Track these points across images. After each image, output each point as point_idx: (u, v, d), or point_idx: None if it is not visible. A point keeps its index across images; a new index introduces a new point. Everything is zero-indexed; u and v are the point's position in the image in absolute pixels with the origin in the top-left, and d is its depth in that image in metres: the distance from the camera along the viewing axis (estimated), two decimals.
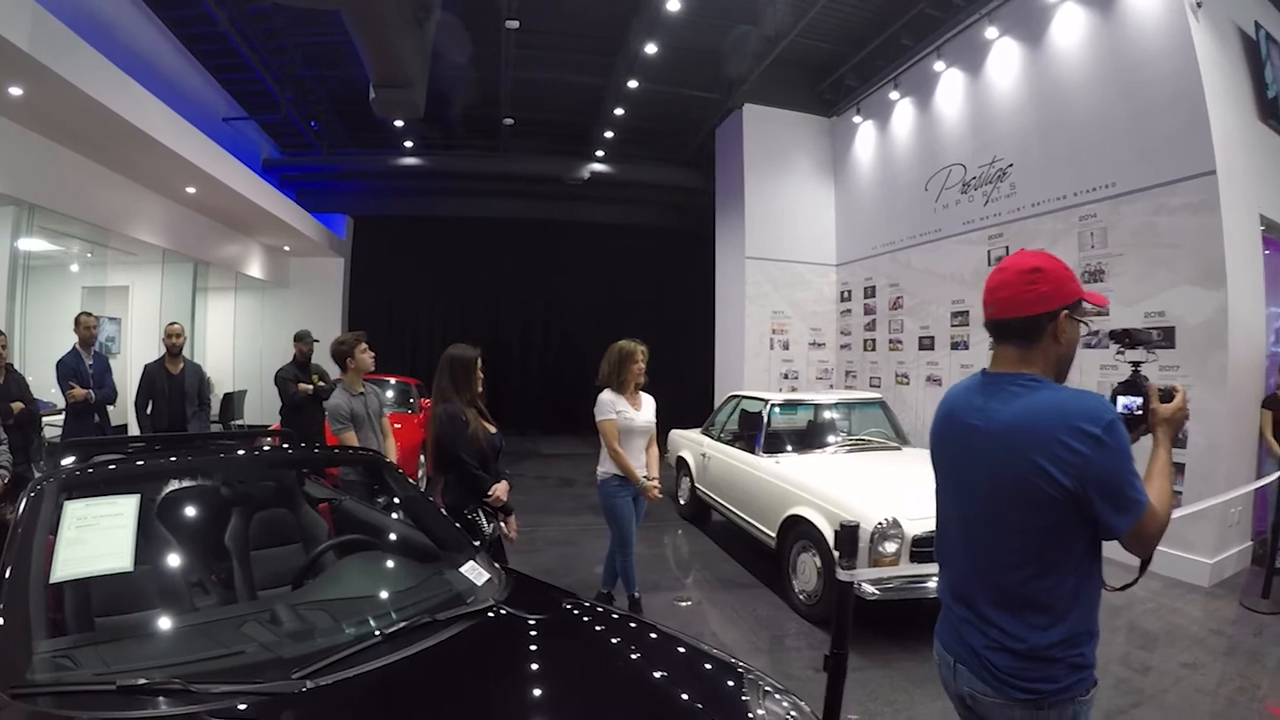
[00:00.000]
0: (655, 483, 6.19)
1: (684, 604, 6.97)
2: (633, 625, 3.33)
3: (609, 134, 16.14)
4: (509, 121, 16.14)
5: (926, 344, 12.12)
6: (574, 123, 16.75)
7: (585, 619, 3.18)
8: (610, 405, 6.04)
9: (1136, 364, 2.52)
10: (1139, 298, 8.46)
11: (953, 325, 11.42)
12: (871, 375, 13.57)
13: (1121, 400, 2.39)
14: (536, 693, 2.62)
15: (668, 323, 19.27)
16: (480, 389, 5.12)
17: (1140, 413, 2.35)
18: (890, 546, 5.75)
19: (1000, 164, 10.48)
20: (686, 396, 15.06)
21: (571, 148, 17.53)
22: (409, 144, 17.59)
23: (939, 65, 11.57)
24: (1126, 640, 6.45)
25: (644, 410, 6.23)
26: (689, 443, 10.12)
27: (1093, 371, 8.70)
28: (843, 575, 3.65)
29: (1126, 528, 2.01)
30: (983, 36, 10.58)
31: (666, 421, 10.61)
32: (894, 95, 12.77)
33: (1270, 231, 9.01)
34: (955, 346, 11.37)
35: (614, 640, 2.98)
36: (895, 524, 5.76)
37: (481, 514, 4.70)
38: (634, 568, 6.30)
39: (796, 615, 6.56)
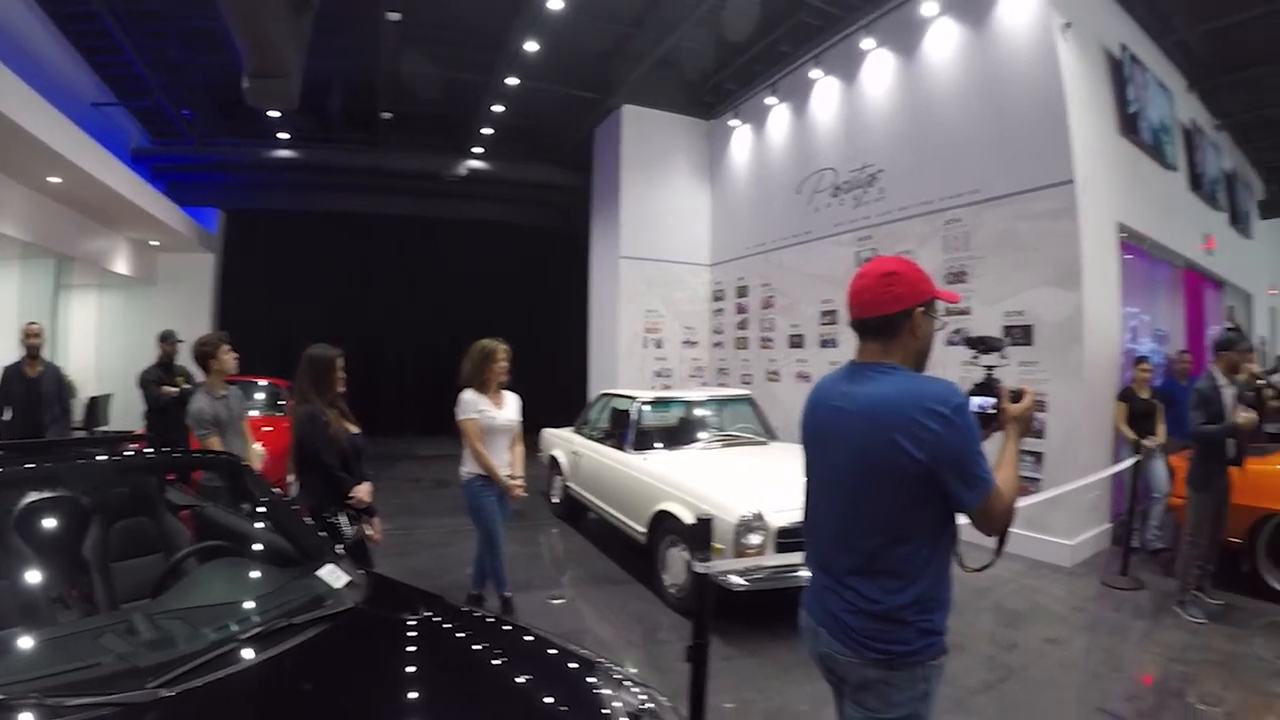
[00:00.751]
0: (520, 481, 6.16)
1: (557, 602, 6.95)
2: (490, 624, 3.37)
3: (488, 131, 15.96)
4: (387, 115, 15.79)
5: (797, 342, 12.48)
6: (453, 118, 16.51)
7: (445, 620, 3.19)
8: (471, 404, 6.01)
9: (990, 368, 2.75)
10: (1000, 298, 8.94)
11: (822, 324, 11.80)
12: (743, 373, 13.83)
13: (976, 400, 2.60)
14: (390, 695, 2.59)
15: (544, 322, 19.26)
16: (341, 389, 5.03)
17: (993, 411, 2.60)
18: (755, 539, 5.87)
19: (871, 169, 10.86)
20: (562, 395, 14.95)
21: (450, 144, 17.28)
22: (285, 136, 16.97)
23: (816, 73, 11.90)
24: (993, 619, 6.77)
25: (507, 409, 6.19)
26: (561, 441, 10.12)
27: (955, 367, 8.94)
28: (699, 567, 3.74)
29: (974, 503, 2.25)
30: (859, 47, 10.94)
31: (544, 420, 10.66)
32: (771, 100, 13.06)
33: (1130, 238, 9.68)
34: (824, 344, 11.73)
35: (470, 640, 3.02)
36: (759, 517, 5.90)
37: (344, 516, 4.66)
38: (504, 567, 6.23)
39: (668, 609, 6.62)
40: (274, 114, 15.01)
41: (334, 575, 3.25)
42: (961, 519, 2.34)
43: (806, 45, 12.14)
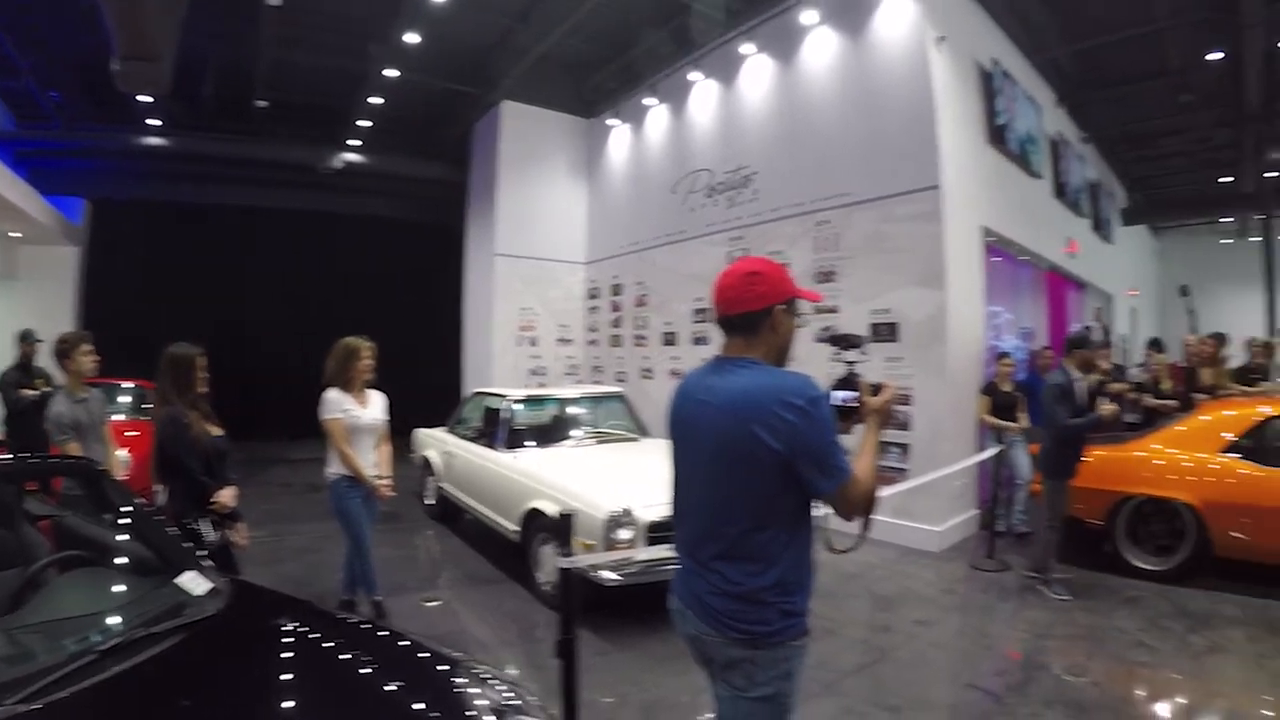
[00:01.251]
0: (387, 481, 6.05)
1: (432, 604, 6.81)
2: (356, 628, 3.32)
3: (366, 123, 15.54)
4: (263, 104, 15.28)
5: (670, 340, 12.61)
6: (331, 109, 15.98)
7: (310, 626, 3.10)
8: (336, 404, 5.86)
9: (851, 363, 2.83)
10: (867, 297, 9.17)
11: (694, 321, 11.94)
12: (617, 370, 13.87)
13: (839, 394, 2.68)
14: (250, 703, 2.51)
15: (422, 320, 18.54)
16: (203, 389, 4.83)
17: (855, 404, 2.67)
18: (625, 534, 5.89)
19: (745, 171, 11.02)
20: (439, 394, 14.54)
21: (327, 135, 16.68)
22: (156, 122, 15.96)
23: (695, 75, 11.98)
24: (865, 604, 6.94)
25: (372, 408, 6.07)
26: (434, 441, 9.95)
27: (823, 363, 9.14)
28: (563, 563, 3.80)
29: (831, 490, 2.36)
30: (739, 51, 11.04)
31: (422, 421, 10.46)
32: (650, 101, 13.08)
33: (996, 242, 10.07)
34: (697, 342, 11.85)
35: (335, 644, 2.94)
36: (627, 512, 5.92)
37: (207, 522, 4.47)
38: (374, 571, 6.10)
39: (543, 606, 6.56)
40: (145, 99, 14.26)
41: (195, 582, 3.16)
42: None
43: (688, 48, 12.21)
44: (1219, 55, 12.91)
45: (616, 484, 6.46)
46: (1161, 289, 24.55)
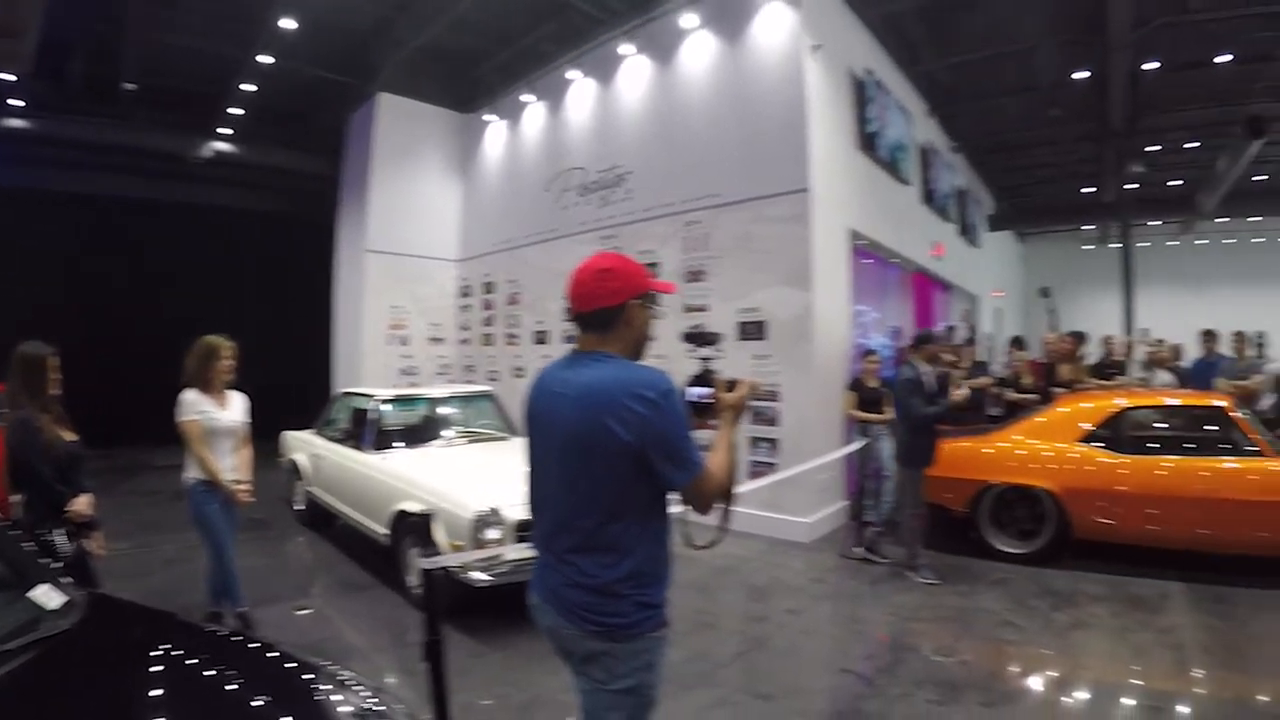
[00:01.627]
0: (246, 486, 5.75)
1: (302, 613, 6.56)
2: (220, 641, 3.24)
3: (239, 111, 14.96)
4: (131, 87, 14.37)
5: (542, 338, 12.57)
6: (203, 95, 15.10)
7: (171, 639, 2.93)
8: (193, 405, 5.56)
9: (707, 359, 2.91)
10: (736, 296, 9.32)
11: (566, 320, 11.57)
12: (489, 369, 13.71)
13: (694, 390, 2.75)
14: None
15: (292, 318, 17.70)
16: (55, 391, 4.54)
17: (710, 401, 2.72)
18: (493, 533, 5.83)
19: (619, 170, 11.03)
20: (308, 395, 13.93)
21: (197, 123, 15.78)
22: (17, 103, 14.45)
23: (573, 74, 11.93)
24: (737, 596, 7.08)
25: (232, 409, 5.78)
26: (301, 444, 9.62)
27: (688, 360, 9.31)
28: (425, 564, 3.77)
29: (683, 482, 2.40)
30: (618, 51, 11.04)
31: (290, 423, 10.08)
32: (528, 98, 12.99)
33: (868, 245, 10.40)
34: (569, 340, 11.32)
35: (197, 659, 2.81)
36: (495, 512, 5.86)
37: (62, 532, 4.18)
38: (236, 580, 5.77)
39: (416, 610, 6.33)
40: (6, 77, 13.53)
41: (48, 596, 2.94)
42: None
43: (568, 46, 12.15)
44: (1086, 74, 13.52)
45: (485, 484, 6.33)
46: (1025, 291, 25.93)
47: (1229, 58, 13.64)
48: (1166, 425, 8.48)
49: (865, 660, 5.58)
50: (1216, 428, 7.68)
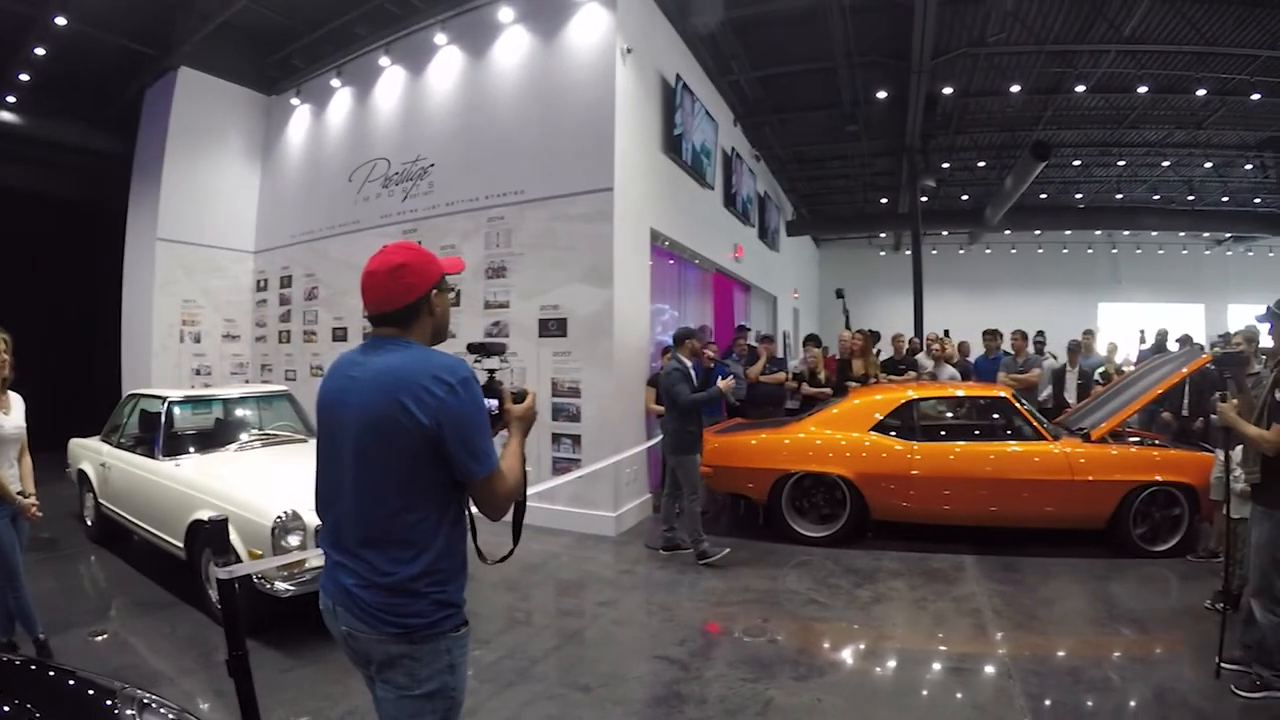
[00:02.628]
0: (34, 500, 5.13)
1: (100, 638, 5.99)
2: (14, 669, 3.00)
3: (24, 77, 13.24)
4: None
5: (340, 335, 12.10)
6: None
7: None
8: None
9: (492, 371, 2.80)
10: (537, 292, 9.38)
11: (366, 316, 11.17)
12: (287, 368, 13.09)
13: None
14: None
15: (77, 314, 16.09)
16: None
17: (497, 413, 2.63)
18: (294, 539, 5.55)
19: (423, 162, 10.85)
20: (99, 398, 12.76)
21: None
22: None
23: (385, 60, 11.60)
24: (548, 591, 7.16)
25: (13, 413, 5.15)
26: (89, 453, 8.83)
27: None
28: (221, 574, 3.47)
29: (480, 474, 2.33)
30: (432, 41, 10.84)
31: (77, 429, 9.32)
32: (335, 83, 12.51)
33: (668, 245, 10.74)
34: (368, 338, 11.16)
35: None
36: (296, 516, 5.57)
37: None
38: (30, 605, 5.20)
39: (221, 626, 6.15)
40: None
41: None
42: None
43: (381, 31, 11.79)
44: (886, 94, 14.22)
45: (283, 487, 5.97)
46: (823, 292, 27.15)
47: (1019, 88, 14.62)
48: (953, 415, 9.34)
49: (678, 646, 5.68)
50: (1000, 416, 8.54)
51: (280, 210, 13.67)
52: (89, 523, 8.86)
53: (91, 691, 2.74)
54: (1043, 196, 23.86)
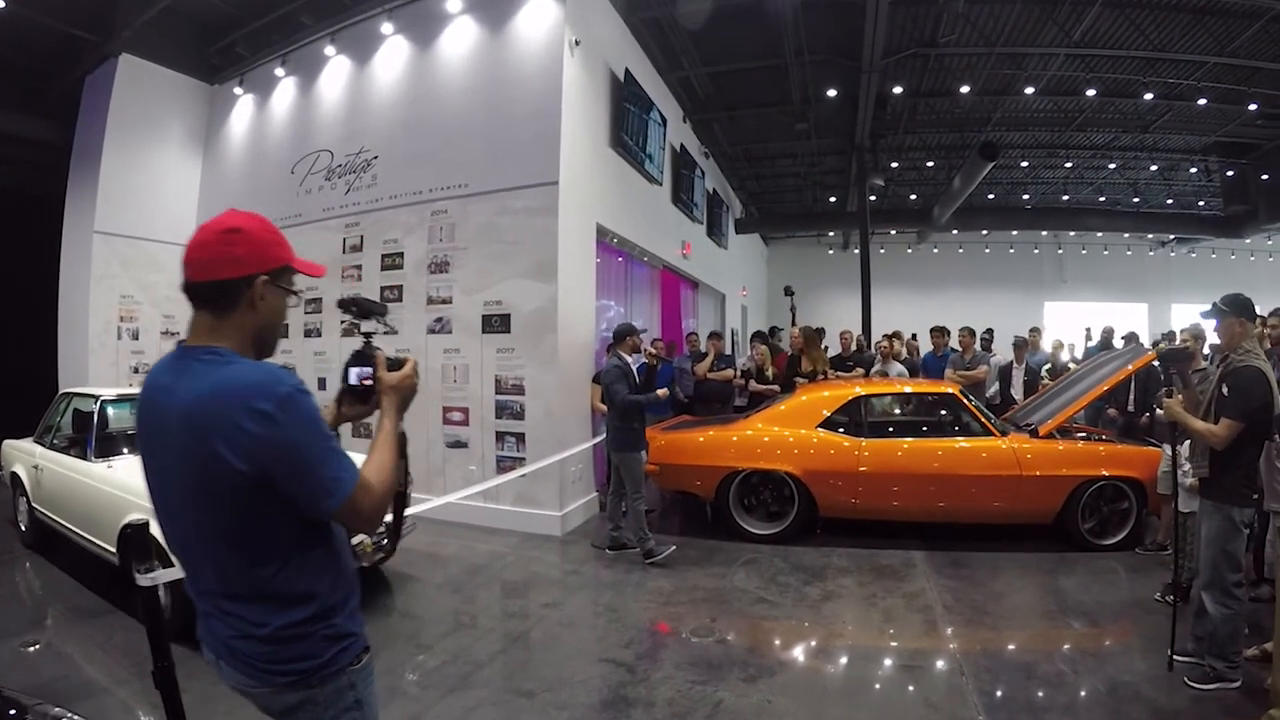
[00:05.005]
0: None
1: (32, 649, 5.76)
2: None
3: None
4: None
5: (281, 331, 11.61)
6: None
7: None
8: None
9: (368, 334, 2.44)
10: (480, 288, 9.23)
11: (306, 312, 10.91)
12: None
13: (354, 371, 2.34)
14: None
15: (14, 309, 15.34)
16: None
17: (371, 383, 2.30)
18: None
19: (367, 155, 10.59)
20: (35, 398, 12.21)
21: None
22: None
23: (330, 50, 11.32)
24: (492, 594, 7.05)
25: None
26: (22, 455, 8.54)
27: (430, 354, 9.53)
28: (142, 580, 3.19)
29: (333, 508, 1.90)
30: (378, 30, 10.60)
31: (9, 430, 9.12)
32: (280, 72, 12.18)
33: (616, 242, 10.71)
34: (309, 334, 11.09)
35: None
36: None
37: None
38: None
39: None
40: None
41: None
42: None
43: (328, 20, 11.47)
44: (836, 93, 14.26)
45: None
46: (771, 290, 27.32)
47: (969, 89, 14.73)
48: (901, 411, 9.49)
49: (624, 648, 5.61)
50: (948, 412, 8.65)
51: (222, 203, 12.57)
52: (22, 528, 8.56)
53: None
54: (990, 197, 24.21)
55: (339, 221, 10.75)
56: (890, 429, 8.89)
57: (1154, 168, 21.25)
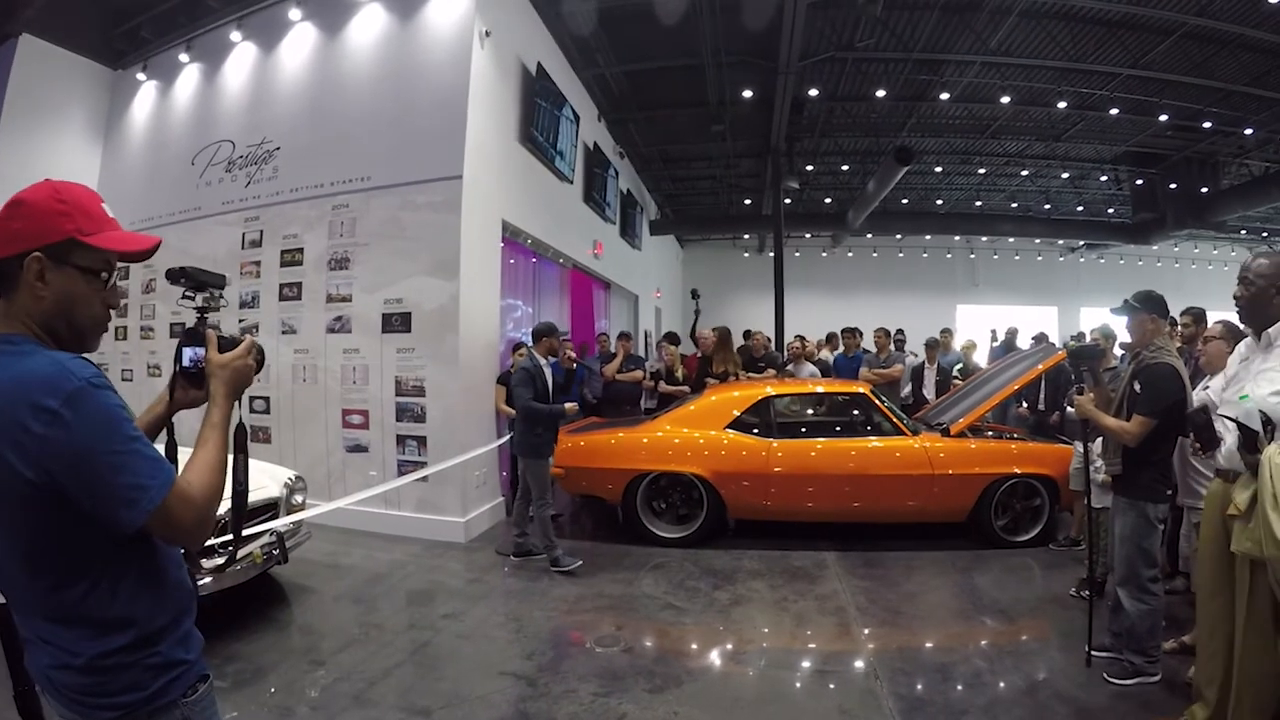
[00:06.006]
0: None
1: None
2: None
3: None
4: None
5: (177, 330, 11.05)
6: None
7: None
8: None
9: (204, 311, 2.22)
10: (381, 285, 8.97)
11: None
12: (124, 367, 11.88)
13: (187, 352, 2.09)
14: None
15: None
16: None
17: (201, 367, 2.06)
18: None
19: (269, 146, 10.19)
20: None
21: None
22: None
23: (236, 35, 10.88)
24: (392, 604, 6.76)
25: None
26: None
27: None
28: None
29: (137, 520, 1.63)
30: (286, 16, 10.24)
31: None
32: (184, 58, 11.66)
33: (529, 242, 10.62)
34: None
35: None
36: None
37: None
38: None
39: None
40: None
41: None
42: None
43: (235, 5, 11.00)
44: (752, 94, 14.26)
45: None
46: (685, 292, 27.50)
47: (885, 94, 14.85)
48: (813, 411, 9.53)
49: (525, 660, 5.44)
50: (860, 412, 8.73)
51: (121, 195, 12.25)
52: None
53: None
54: (904, 201, 24.60)
55: (238, 215, 10.34)
56: (802, 429, 8.90)
57: (1065, 175, 21.78)
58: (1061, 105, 15.47)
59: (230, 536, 4.49)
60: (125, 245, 1.94)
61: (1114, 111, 15.56)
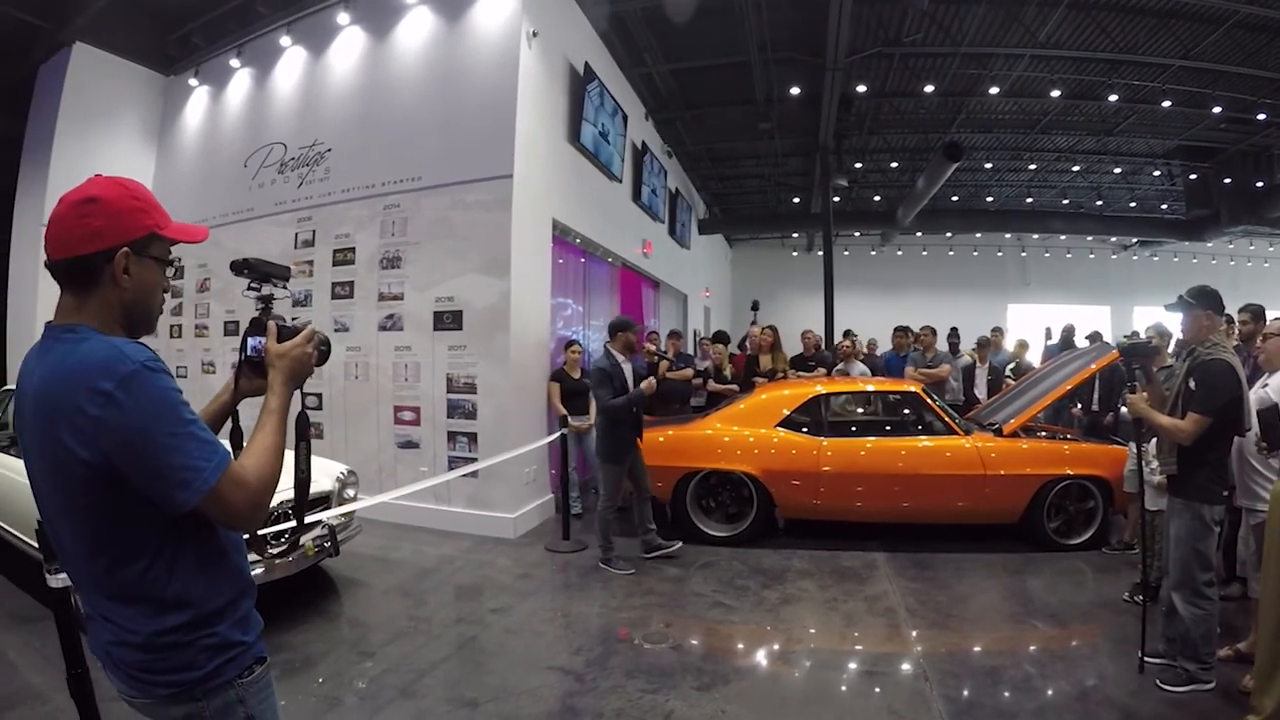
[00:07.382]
0: None
1: None
2: None
3: None
4: None
5: (232, 329, 11.25)
6: None
7: None
8: None
9: (267, 300, 2.28)
10: (432, 283, 9.05)
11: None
12: (178, 364, 12.10)
13: (250, 341, 2.14)
14: None
15: None
16: None
17: (260, 357, 2.11)
18: None
19: (320, 147, 10.35)
20: None
21: None
22: None
23: (286, 40, 11.08)
24: (442, 598, 6.80)
25: None
26: None
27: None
28: (52, 581, 3.11)
29: (190, 501, 1.67)
30: (335, 21, 10.40)
31: None
32: (235, 63, 11.92)
33: (579, 241, 10.69)
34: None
35: None
36: None
37: None
38: None
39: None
40: None
41: None
42: None
43: (283, 10, 11.22)
44: (799, 91, 14.19)
45: None
46: (735, 291, 27.45)
47: (933, 89, 14.72)
48: (863, 410, 9.49)
49: (573, 655, 5.44)
50: (911, 411, 8.67)
51: (174, 197, 12.46)
52: None
53: None
54: (954, 199, 24.30)
55: (291, 216, 10.51)
56: (852, 428, 8.83)
57: (1117, 171, 21.38)
58: (1112, 98, 15.14)
59: (292, 524, 4.53)
60: (192, 236, 2.08)
61: (1166, 104, 15.26)
